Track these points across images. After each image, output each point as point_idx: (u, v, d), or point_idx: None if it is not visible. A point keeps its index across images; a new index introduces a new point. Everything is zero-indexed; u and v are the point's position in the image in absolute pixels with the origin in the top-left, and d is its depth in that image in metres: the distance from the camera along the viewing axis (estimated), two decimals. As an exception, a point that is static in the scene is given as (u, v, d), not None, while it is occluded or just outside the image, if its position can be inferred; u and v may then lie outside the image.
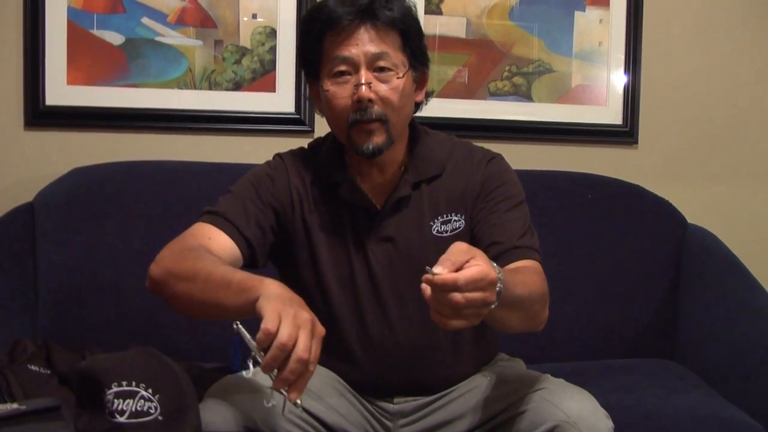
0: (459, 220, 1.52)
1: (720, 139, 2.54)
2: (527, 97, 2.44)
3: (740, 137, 2.55)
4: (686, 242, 2.27)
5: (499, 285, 1.16)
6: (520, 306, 1.29)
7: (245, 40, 2.28)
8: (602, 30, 2.47)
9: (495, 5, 2.40)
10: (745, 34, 2.53)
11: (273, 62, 2.29)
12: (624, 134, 2.48)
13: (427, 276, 1.12)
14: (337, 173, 1.52)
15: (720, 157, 2.55)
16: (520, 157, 2.34)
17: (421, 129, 1.58)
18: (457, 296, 1.11)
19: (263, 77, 2.30)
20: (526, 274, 1.36)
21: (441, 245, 1.45)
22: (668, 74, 2.50)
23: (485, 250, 1.38)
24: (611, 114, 2.47)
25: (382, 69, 1.43)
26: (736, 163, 2.56)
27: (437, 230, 1.51)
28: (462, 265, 1.13)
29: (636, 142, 2.49)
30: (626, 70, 2.47)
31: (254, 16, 2.29)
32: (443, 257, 1.14)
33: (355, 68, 1.43)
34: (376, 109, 1.43)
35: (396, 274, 1.50)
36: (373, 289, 1.50)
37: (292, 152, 1.60)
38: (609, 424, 1.34)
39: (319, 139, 1.61)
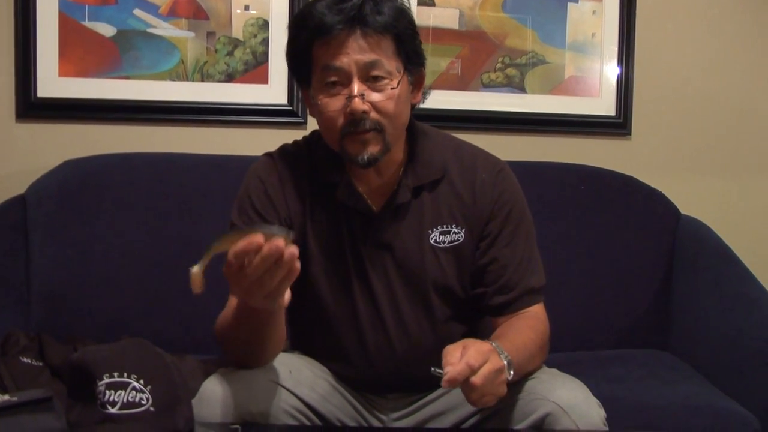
0: (459, 233, 1.47)
1: (713, 130, 2.54)
2: (520, 89, 2.44)
3: (733, 129, 2.55)
4: (679, 233, 2.28)
5: (503, 356, 1.27)
6: (526, 368, 1.38)
7: (237, 32, 2.28)
8: (595, 21, 2.46)
9: (488, -4, 2.40)
10: (738, 27, 2.53)
11: (265, 54, 2.28)
12: (617, 125, 2.47)
13: (445, 380, 1.19)
14: (333, 174, 1.45)
15: (713, 149, 2.55)
16: (513, 148, 2.36)
17: (419, 127, 1.51)
18: (475, 380, 1.20)
19: (256, 69, 2.29)
20: (527, 333, 1.40)
21: (438, 255, 1.47)
22: (661, 66, 2.50)
23: (494, 294, 1.46)
24: (604, 105, 2.47)
25: (375, 78, 1.36)
26: (729, 155, 2.56)
27: (435, 240, 1.46)
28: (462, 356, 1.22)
29: (629, 134, 2.49)
30: (619, 61, 2.46)
31: (246, 8, 2.28)
32: (443, 362, 1.23)
33: (347, 78, 1.35)
34: (371, 119, 1.36)
35: (392, 282, 1.47)
36: (368, 295, 1.46)
37: (284, 150, 1.52)
38: (601, 412, 1.34)
39: (317, 132, 1.52)
